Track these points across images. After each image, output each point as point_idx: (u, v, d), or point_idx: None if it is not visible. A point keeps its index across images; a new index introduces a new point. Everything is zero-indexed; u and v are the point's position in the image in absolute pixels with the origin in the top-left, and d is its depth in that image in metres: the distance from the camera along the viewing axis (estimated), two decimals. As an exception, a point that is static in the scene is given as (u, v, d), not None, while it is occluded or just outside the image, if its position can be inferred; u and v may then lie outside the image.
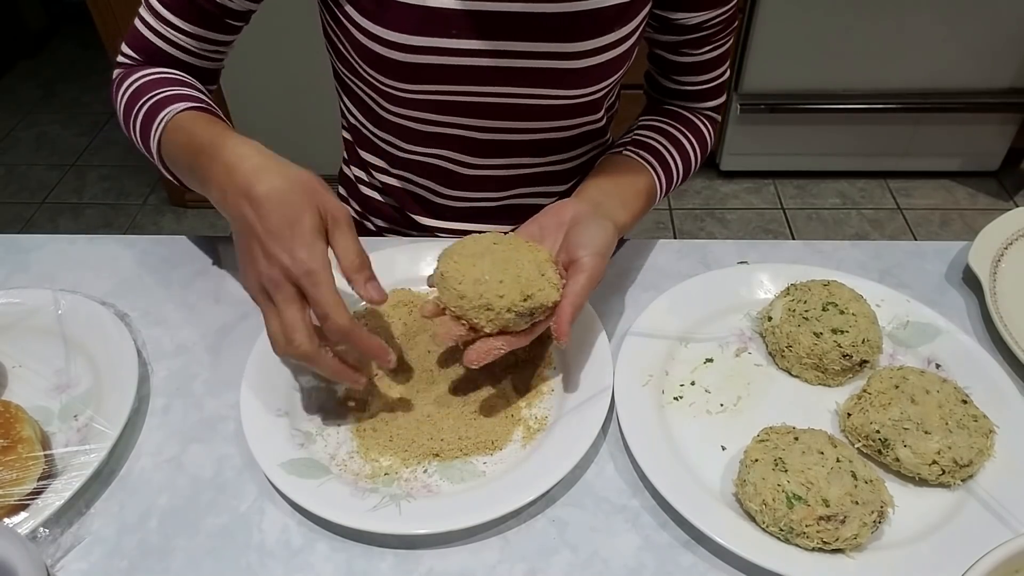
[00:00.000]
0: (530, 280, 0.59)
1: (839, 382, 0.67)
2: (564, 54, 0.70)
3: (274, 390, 0.66)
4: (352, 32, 0.70)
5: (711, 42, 0.77)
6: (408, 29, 0.68)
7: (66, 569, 0.57)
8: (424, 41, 0.68)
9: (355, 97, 0.82)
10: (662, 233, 2.21)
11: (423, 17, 0.67)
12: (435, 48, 0.69)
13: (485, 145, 0.79)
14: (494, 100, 0.74)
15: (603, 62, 0.71)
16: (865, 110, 2.13)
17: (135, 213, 2.37)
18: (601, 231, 0.65)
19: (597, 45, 0.70)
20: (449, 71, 0.71)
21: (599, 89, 0.74)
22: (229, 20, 0.73)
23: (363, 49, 0.70)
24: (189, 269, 0.81)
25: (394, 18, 0.68)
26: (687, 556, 0.57)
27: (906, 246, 0.81)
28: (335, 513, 0.56)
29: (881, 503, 0.55)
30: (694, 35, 0.76)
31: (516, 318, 0.59)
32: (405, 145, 0.81)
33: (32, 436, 0.60)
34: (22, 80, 3.02)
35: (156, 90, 0.70)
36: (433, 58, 0.69)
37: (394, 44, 0.69)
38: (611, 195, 0.72)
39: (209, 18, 0.72)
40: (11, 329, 0.72)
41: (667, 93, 0.84)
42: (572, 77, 0.72)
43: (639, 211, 0.74)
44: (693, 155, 0.82)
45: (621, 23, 0.70)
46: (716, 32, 0.76)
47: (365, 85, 0.76)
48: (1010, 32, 1.97)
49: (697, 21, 0.74)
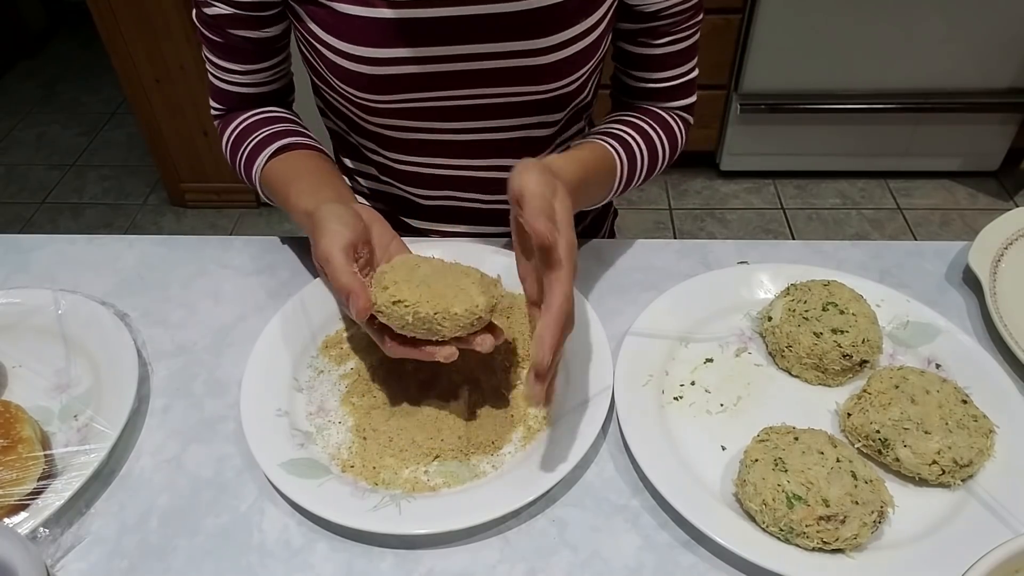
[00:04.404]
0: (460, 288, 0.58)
1: (839, 382, 0.67)
2: (529, 51, 0.70)
3: (274, 390, 0.66)
4: (319, 48, 0.71)
5: (670, 33, 0.76)
6: (369, 42, 0.69)
7: (66, 569, 0.57)
8: (392, 52, 0.69)
9: (334, 109, 0.84)
10: (662, 233, 2.21)
11: (382, 29, 0.68)
12: (404, 59, 0.70)
13: (467, 146, 0.80)
14: (468, 102, 0.74)
15: (572, 55, 0.71)
16: (865, 110, 2.13)
17: (135, 213, 2.37)
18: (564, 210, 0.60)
19: (562, 39, 0.70)
20: (421, 79, 0.71)
21: (573, 81, 0.75)
22: (274, 46, 0.77)
23: (331, 64, 0.72)
24: (189, 269, 0.81)
25: (355, 33, 0.69)
26: (687, 556, 0.57)
27: (906, 246, 0.81)
28: (335, 513, 0.56)
29: (881, 503, 0.55)
30: (652, 23, 0.75)
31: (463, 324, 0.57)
32: (386, 152, 0.82)
33: (32, 436, 0.60)
34: (22, 80, 3.02)
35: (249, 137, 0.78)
36: (403, 68, 0.70)
37: (358, 58, 0.70)
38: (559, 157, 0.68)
39: (258, 54, 0.76)
40: (11, 329, 0.72)
41: (633, 93, 0.83)
42: (542, 73, 0.72)
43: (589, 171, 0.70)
44: (660, 145, 0.79)
45: (584, 15, 0.70)
46: (675, 23, 0.75)
47: (341, 98, 0.77)
48: (1010, 32, 1.97)
49: (655, 8, 0.73)
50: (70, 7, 3.20)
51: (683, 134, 0.83)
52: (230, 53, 0.75)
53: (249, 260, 0.82)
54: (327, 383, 0.68)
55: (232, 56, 0.76)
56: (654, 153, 0.79)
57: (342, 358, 0.70)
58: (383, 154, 0.82)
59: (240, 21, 0.71)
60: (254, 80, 0.78)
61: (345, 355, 0.70)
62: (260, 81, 0.79)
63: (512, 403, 0.66)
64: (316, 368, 0.69)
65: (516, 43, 0.69)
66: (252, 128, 0.78)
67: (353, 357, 0.70)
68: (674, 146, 0.82)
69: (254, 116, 0.79)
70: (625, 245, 0.82)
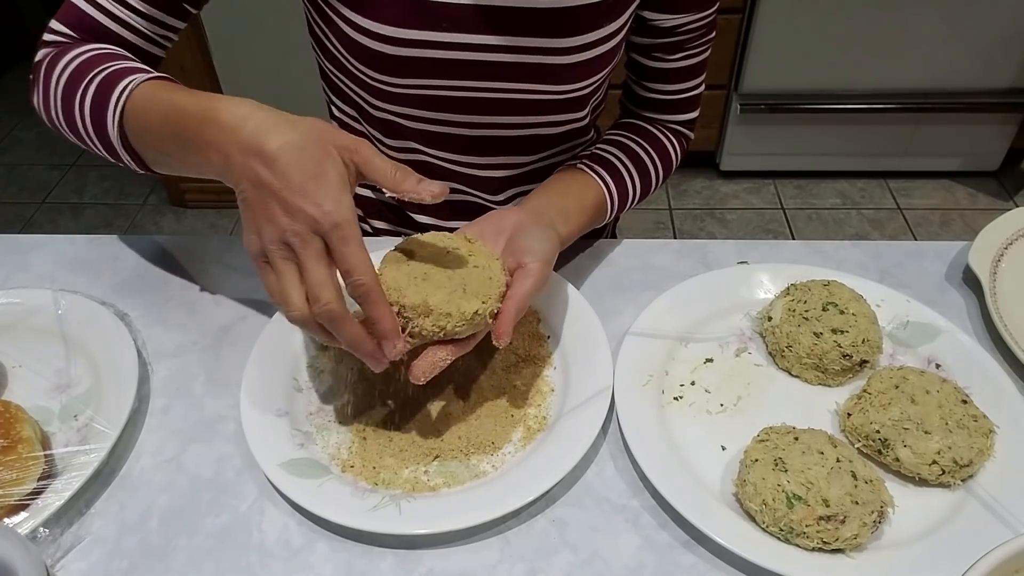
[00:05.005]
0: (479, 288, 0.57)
1: (839, 382, 0.67)
2: (552, 49, 0.70)
3: (274, 390, 0.66)
4: (340, 26, 0.70)
5: (684, 49, 0.77)
6: (397, 22, 0.68)
7: (66, 569, 0.57)
8: (413, 34, 0.68)
9: (343, 95, 0.82)
10: (662, 233, 2.21)
11: (412, 9, 0.67)
12: (424, 41, 0.69)
13: (474, 141, 0.80)
14: (481, 95, 0.74)
15: (591, 58, 0.72)
16: (865, 110, 2.13)
17: (135, 213, 2.37)
18: (546, 240, 0.65)
19: (585, 41, 0.70)
20: (437, 65, 0.71)
21: (586, 86, 0.75)
22: (186, 4, 0.71)
23: (351, 43, 0.70)
24: (189, 269, 0.81)
25: (383, 11, 0.68)
26: (687, 556, 0.57)
27: (906, 246, 0.81)
28: (335, 513, 0.56)
29: (881, 503, 0.55)
30: (667, 39, 0.76)
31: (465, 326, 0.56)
32: (391, 142, 0.81)
33: (32, 436, 0.60)
34: (22, 80, 3.01)
35: (107, 64, 0.63)
36: (421, 51, 0.69)
37: (382, 37, 0.68)
38: (554, 207, 0.72)
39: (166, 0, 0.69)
40: (11, 329, 0.72)
41: (640, 103, 0.84)
42: (559, 73, 0.72)
43: (582, 225, 0.74)
44: (654, 171, 0.82)
45: (609, 19, 0.70)
46: (690, 39, 0.76)
47: (352, 81, 0.76)
48: (1010, 32, 1.97)
49: (671, 25, 0.74)
50: (70, 7, 3.19)
51: (679, 153, 0.85)
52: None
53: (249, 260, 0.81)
54: (327, 383, 0.68)
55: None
56: (647, 184, 0.82)
57: (342, 358, 0.70)
58: (387, 143, 0.82)
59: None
60: (138, 23, 0.68)
61: (345, 355, 0.70)
62: (142, 28, 0.69)
63: (512, 403, 0.66)
64: (316, 368, 0.69)
65: (540, 40, 0.69)
66: (102, 59, 0.64)
67: (353, 357, 0.70)
68: (668, 170, 0.84)
69: (105, 49, 0.66)
70: (625, 245, 0.82)
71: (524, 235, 0.65)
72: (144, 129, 0.61)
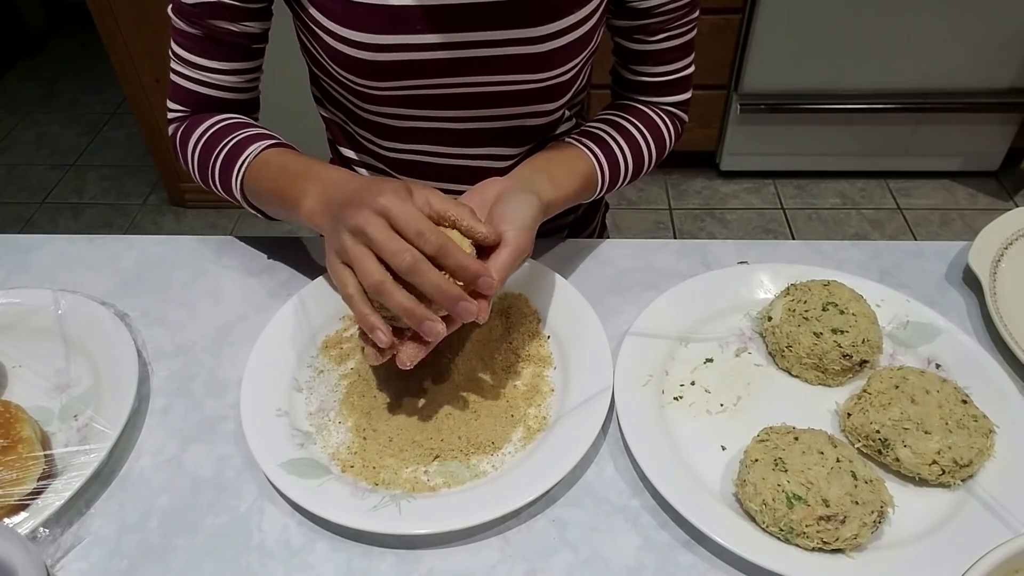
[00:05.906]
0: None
1: (839, 382, 0.67)
2: (526, 39, 0.71)
3: (274, 390, 0.66)
4: (320, 35, 0.72)
5: (665, 30, 0.77)
6: (373, 29, 0.69)
7: (66, 569, 0.57)
8: (390, 39, 0.70)
9: (331, 98, 0.83)
10: (662, 233, 2.21)
11: (386, 16, 0.69)
12: (401, 45, 0.70)
13: (462, 134, 0.80)
14: (465, 90, 0.75)
15: (566, 44, 0.72)
16: (865, 110, 2.13)
17: (135, 213, 2.37)
18: (525, 206, 0.65)
19: (557, 28, 0.71)
20: (417, 66, 0.72)
21: (566, 71, 0.75)
22: (254, 45, 0.76)
23: (332, 51, 0.72)
24: (189, 269, 0.81)
25: (358, 19, 0.69)
26: (687, 556, 0.57)
27: (906, 246, 0.81)
28: (335, 513, 0.56)
29: (881, 503, 0.55)
30: (647, 20, 0.76)
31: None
32: (382, 141, 0.82)
33: (32, 436, 0.60)
34: (22, 80, 3.02)
35: (231, 134, 0.74)
36: (400, 55, 0.71)
37: (361, 44, 0.70)
38: (540, 172, 0.72)
39: (236, 50, 0.75)
40: (11, 329, 0.72)
41: (629, 86, 0.84)
42: (536, 61, 0.73)
43: (571, 192, 0.74)
44: (646, 146, 0.81)
45: (579, 4, 0.71)
46: (670, 20, 0.77)
47: (339, 86, 0.78)
48: (1010, 32, 1.97)
49: (648, 6, 0.75)
50: (70, 7, 3.20)
51: (673, 133, 0.85)
52: (206, 48, 0.74)
53: (249, 260, 0.82)
54: (327, 383, 0.68)
55: (207, 51, 0.74)
56: (640, 159, 0.81)
57: (342, 358, 0.70)
58: (379, 143, 0.83)
59: (222, 10, 0.71)
60: (226, 82, 0.76)
61: (345, 355, 0.70)
62: (231, 84, 0.77)
63: (512, 403, 0.66)
64: (316, 368, 0.69)
65: (514, 31, 0.70)
66: (227, 131, 0.75)
67: (353, 357, 0.70)
68: (661, 148, 0.83)
69: (226, 120, 0.76)
70: (625, 245, 0.82)
71: (503, 203, 0.65)
72: (259, 188, 0.72)
